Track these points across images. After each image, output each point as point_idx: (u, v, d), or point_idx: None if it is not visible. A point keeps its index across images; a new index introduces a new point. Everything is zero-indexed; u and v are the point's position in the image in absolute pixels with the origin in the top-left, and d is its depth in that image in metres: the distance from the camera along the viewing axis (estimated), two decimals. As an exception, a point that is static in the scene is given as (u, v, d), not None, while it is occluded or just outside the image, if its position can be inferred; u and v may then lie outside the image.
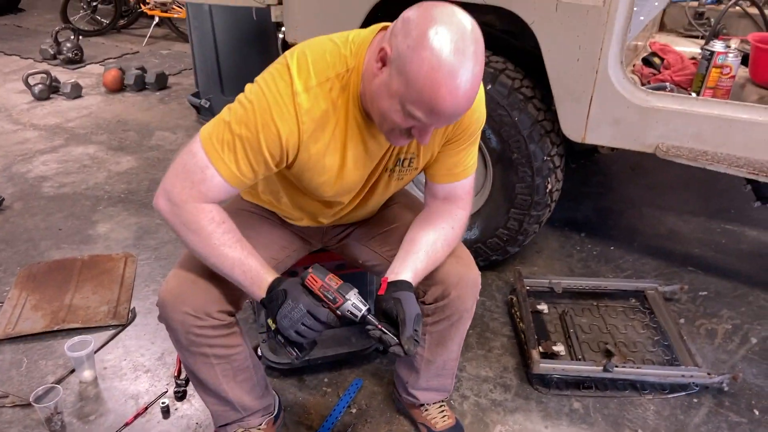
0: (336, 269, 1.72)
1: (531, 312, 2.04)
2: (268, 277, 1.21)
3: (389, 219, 1.54)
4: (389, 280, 1.26)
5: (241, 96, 1.19)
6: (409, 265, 1.29)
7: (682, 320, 2.14)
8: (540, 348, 1.89)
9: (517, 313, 2.10)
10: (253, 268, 1.21)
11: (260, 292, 1.21)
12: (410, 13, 1.05)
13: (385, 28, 1.16)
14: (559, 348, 1.93)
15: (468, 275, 1.42)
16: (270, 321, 1.20)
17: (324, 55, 1.16)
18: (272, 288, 1.20)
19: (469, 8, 2.00)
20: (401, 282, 1.25)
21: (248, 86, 1.20)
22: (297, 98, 1.13)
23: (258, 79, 1.19)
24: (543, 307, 2.15)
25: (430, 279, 1.38)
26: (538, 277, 2.25)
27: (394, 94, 1.06)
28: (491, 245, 2.26)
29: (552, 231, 2.68)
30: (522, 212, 2.15)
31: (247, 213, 1.51)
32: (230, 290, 1.32)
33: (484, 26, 2.26)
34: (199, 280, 1.31)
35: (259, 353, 1.85)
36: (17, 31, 5.94)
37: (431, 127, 1.11)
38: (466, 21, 1.03)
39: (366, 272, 1.84)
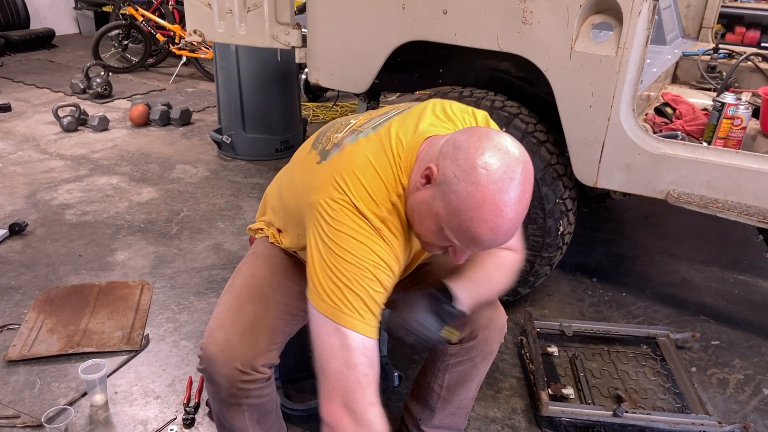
0: None
1: (541, 354, 2.04)
2: None
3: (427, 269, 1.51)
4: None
5: (325, 261, 1.09)
6: (458, 278, 1.29)
7: (693, 368, 2.12)
8: (549, 390, 1.88)
9: (527, 355, 2.10)
10: None
11: None
12: (462, 138, 1.05)
13: (430, 137, 1.15)
14: (569, 391, 1.92)
15: (497, 318, 1.43)
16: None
17: (378, 180, 1.13)
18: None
19: (486, 55, 2.10)
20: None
21: (329, 241, 1.09)
22: (382, 233, 1.11)
23: (332, 230, 1.10)
24: (553, 349, 2.14)
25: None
26: (548, 320, 2.25)
27: (435, 216, 1.06)
28: (502, 286, 2.27)
29: (564, 275, 2.69)
30: (533, 253, 2.17)
31: (278, 259, 1.47)
32: (273, 342, 1.33)
33: (500, 72, 2.35)
34: (246, 332, 1.30)
35: None
36: (49, 66, 6.18)
37: (468, 251, 1.10)
38: (516, 151, 1.02)
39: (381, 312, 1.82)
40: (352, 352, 1.06)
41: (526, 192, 1.02)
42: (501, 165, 0.99)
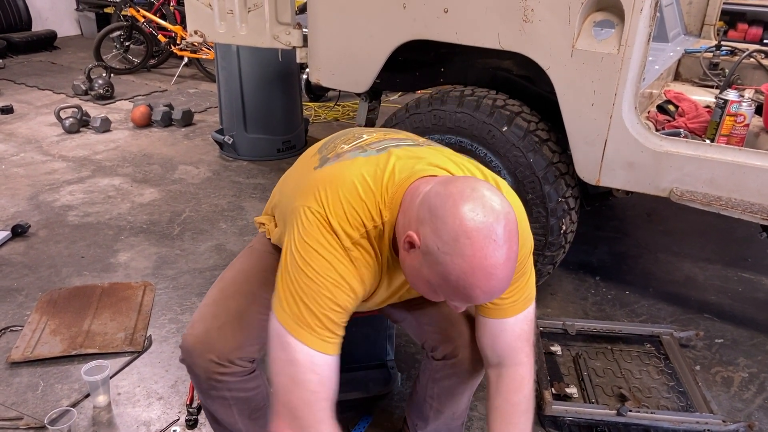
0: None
1: (544, 353, 2.04)
2: None
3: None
4: None
5: (291, 266, 1.10)
6: None
7: (697, 367, 2.12)
8: (552, 389, 1.88)
9: (530, 354, 2.09)
10: None
11: None
12: (437, 202, 1.01)
13: (419, 180, 1.11)
14: (572, 390, 1.91)
15: None
16: None
17: (361, 204, 1.11)
18: None
19: (487, 53, 2.10)
20: None
21: (296, 251, 1.10)
22: (351, 254, 1.10)
23: (302, 241, 1.10)
24: (556, 348, 2.14)
25: (442, 334, 1.38)
26: (551, 319, 2.25)
27: (426, 280, 1.04)
28: (505, 285, 2.27)
29: (566, 274, 2.69)
30: (536, 252, 2.16)
31: (271, 255, 1.45)
32: (254, 337, 1.33)
33: (501, 71, 2.34)
34: (225, 326, 1.31)
35: None
36: (51, 68, 6.19)
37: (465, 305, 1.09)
38: (495, 205, 0.98)
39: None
40: (298, 368, 1.07)
41: (513, 246, 0.99)
42: (482, 229, 0.96)
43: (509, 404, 1.28)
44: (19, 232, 2.87)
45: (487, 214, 0.97)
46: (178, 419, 1.85)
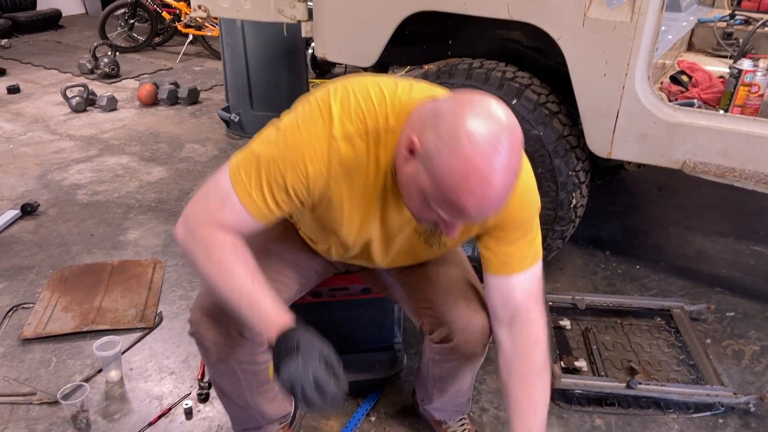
0: (362, 292, 1.73)
1: (553, 327, 2.03)
2: (280, 319, 1.08)
3: (433, 277, 1.43)
4: None
5: (274, 127, 1.11)
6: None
7: (708, 340, 2.11)
8: (561, 363, 1.88)
9: (540, 328, 2.08)
10: (263, 307, 1.09)
11: (267, 334, 1.08)
12: (445, 106, 0.98)
13: (428, 98, 1.07)
14: (582, 364, 1.91)
15: (476, 321, 1.33)
16: (271, 367, 1.08)
17: (369, 103, 1.08)
18: (284, 335, 1.06)
19: (496, 24, 2.05)
20: None
21: (285, 117, 1.11)
22: (334, 143, 1.06)
23: (297, 111, 1.10)
24: (565, 323, 2.13)
25: (438, 318, 1.36)
26: (560, 294, 2.24)
27: (420, 189, 1.00)
28: (514, 259, 2.25)
29: (576, 248, 2.67)
30: (545, 227, 2.15)
31: (277, 227, 1.38)
32: None
33: (511, 42, 2.30)
34: None
35: None
36: (57, 47, 6.16)
37: (458, 224, 1.03)
38: (502, 116, 0.95)
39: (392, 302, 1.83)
40: (227, 209, 1.09)
41: (514, 159, 0.95)
42: (485, 133, 0.92)
43: (527, 364, 1.24)
44: (28, 210, 2.89)
45: (493, 122, 0.94)
46: (189, 393, 1.87)
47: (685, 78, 2.26)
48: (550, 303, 2.15)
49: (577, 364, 1.90)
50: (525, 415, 1.23)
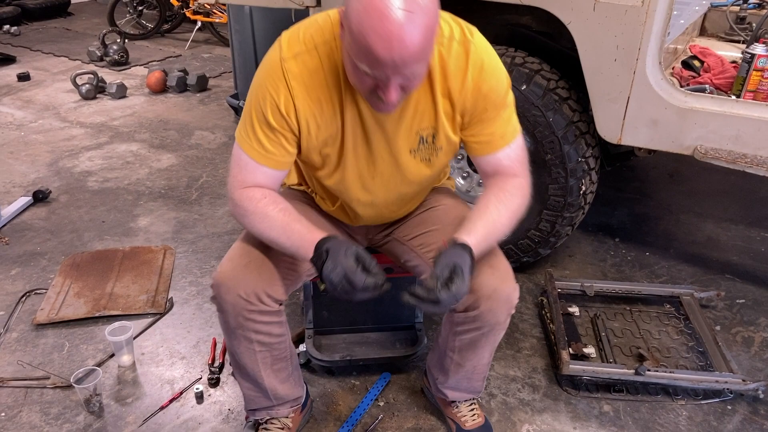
0: (384, 272, 1.76)
1: (562, 314, 2.03)
2: (312, 236, 1.23)
3: (432, 220, 1.54)
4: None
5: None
6: (464, 228, 1.26)
7: (717, 327, 2.10)
8: (570, 349, 1.88)
9: (548, 315, 2.09)
10: (297, 231, 1.24)
11: (306, 254, 1.22)
12: None
13: None
14: (590, 350, 1.91)
15: (502, 289, 1.36)
16: (319, 282, 1.22)
17: (314, 24, 1.23)
18: (316, 247, 1.21)
19: (505, 9, 2.04)
20: (455, 243, 1.23)
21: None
22: (284, 64, 1.20)
23: (261, 63, 1.27)
24: (574, 309, 2.13)
25: None
26: (569, 280, 2.23)
27: (347, 52, 1.10)
28: (522, 246, 2.25)
29: (585, 235, 2.66)
30: (554, 214, 2.14)
31: (298, 203, 1.52)
32: (280, 277, 1.38)
33: (520, 27, 2.27)
34: (251, 264, 1.35)
35: (303, 348, 1.88)
36: (66, 34, 6.18)
37: (389, 82, 1.08)
38: None
39: (414, 278, 1.84)
40: (237, 158, 1.29)
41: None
42: None
43: (499, 187, 1.33)
44: (40, 197, 2.91)
45: None
46: (200, 378, 1.89)
47: (697, 63, 2.23)
48: (559, 290, 2.15)
49: (585, 350, 1.90)
50: (471, 218, 1.30)
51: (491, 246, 1.32)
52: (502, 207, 1.30)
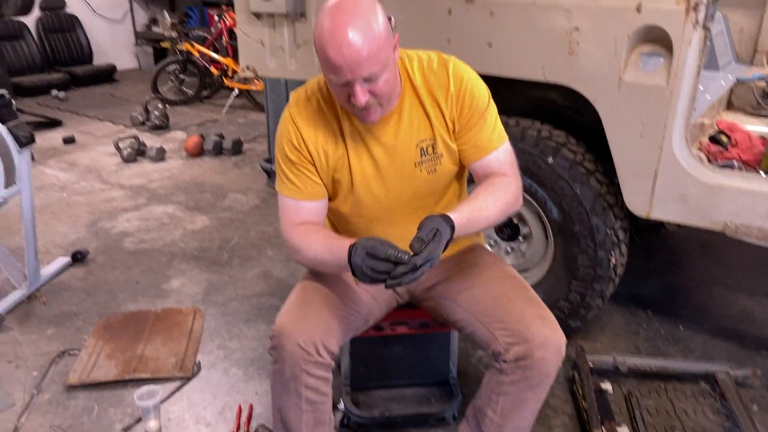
0: (420, 327, 1.81)
1: (594, 390, 1.98)
2: (346, 244, 1.32)
3: (476, 276, 1.59)
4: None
5: None
6: (451, 210, 1.34)
7: (755, 407, 2.02)
8: (603, 428, 1.82)
9: (580, 391, 2.04)
10: (337, 246, 1.35)
11: (345, 258, 1.30)
12: None
13: None
14: (624, 430, 1.85)
15: (554, 338, 1.40)
16: (354, 279, 1.34)
17: (312, 79, 1.48)
18: (349, 251, 1.30)
19: (531, 85, 2.10)
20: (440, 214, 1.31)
21: None
22: (290, 110, 1.46)
23: None
24: (607, 386, 2.08)
25: (515, 336, 1.41)
26: (601, 354, 2.19)
27: (324, 74, 1.31)
28: (552, 318, 2.23)
29: (617, 307, 2.62)
30: (584, 285, 2.13)
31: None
32: (333, 329, 1.45)
33: (546, 102, 2.33)
34: (309, 315, 1.44)
35: (342, 406, 1.89)
36: (111, 100, 6.51)
37: (355, 86, 1.27)
38: None
39: (449, 332, 1.92)
40: (280, 204, 1.51)
41: (360, 10, 1.22)
42: (333, 3, 1.24)
43: (489, 183, 1.44)
44: (78, 258, 3.01)
45: None
46: (225, 446, 1.88)
47: (724, 138, 2.25)
48: (591, 364, 2.10)
49: (619, 429, 1.84)
50: (459, 204, 1.37)
51: (474, 229, 1.39)
52: (489, 197, 1.40)
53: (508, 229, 2.40)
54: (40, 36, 6.90)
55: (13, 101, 2.49)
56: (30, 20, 6.66)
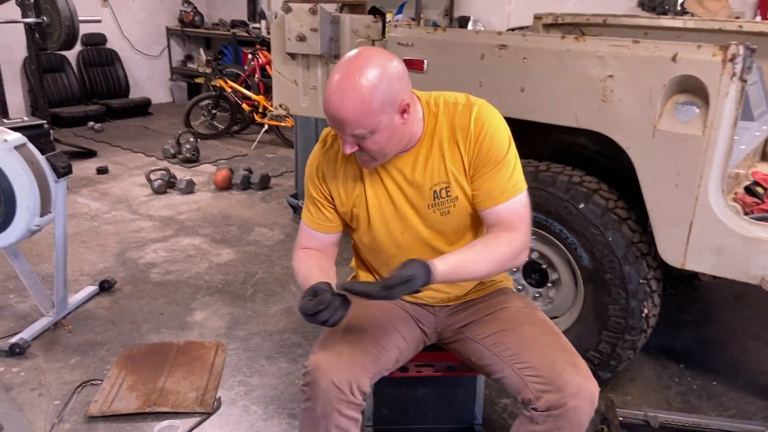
0: (446, 369, 1.79)
1: (624, 445, 1.91)
2: (310, 283, 1.41)
3: (506, 320, 1.57)
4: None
5: None
6: (441, 257, 1.36)
7: (799, 473, 1.92)
8: (634, 487, 1.75)
9: (608, 445, 1.96)
10: (310, 280, 1.42)
11: None
12: None
13: None
14: (656, 489, 1.77)
15: (587, 387, 1.37)
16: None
17: None
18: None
19: (563, 129, 2.10)
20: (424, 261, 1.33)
21: None
22: (316, 150, 1.58)
23: None
24: (637, 441, 2.00)
25: (548, 383, 1.37)
26: (632, 408, 2.11)
27: None
28: (580, 367, 2.17)
29: (648, 359, 2.54)
30: (615, 335, 2.07)
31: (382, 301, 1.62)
32: (368, 366, 1.46)
33: (577, 147, 2.32)
34: (343, 354, 1.44)
35: None
36: (145, 132, 6.67)
37: (344, 137, 1.37)
38: (358, 52, 1.34)
39: (476, 376, 1.88)
40: (300, 231, 1.64)
41: (361, 73, 1.29)
42: (343, 60, 1.33)
43: (490, 236, 1.45)
44: (105, 287, 3.04)
45: (352, 55, 1.34)
46: (242, 487, 1.84)
47: (760, 189, 2.21)
48: (621, 418, 2.03)
49: (650, 489, 1.77)
50: (452, 251, 1.40)
51: (459, 280, 1.46)
52: (484, 251, 1.39)
53: (537, 275, 2.37)
54: (80, 69, 7.14)
55: (51, 131, 2.56)
56: (71, 54, 6.91)
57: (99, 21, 5.37)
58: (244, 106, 6.28)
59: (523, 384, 1.43)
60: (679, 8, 4.75)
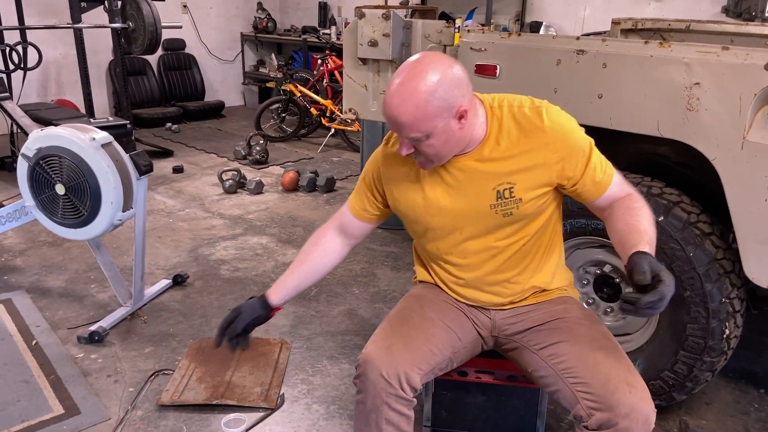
0: (507, 379, 1.76)
1: (699, 472, 1.81)
2: (277, 288, 1.68)
3: (564, 331, 1.53)
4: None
5: None
6: (631, 245, 1.30)
7: None
8: None
9: (682, 471, 1.87)
10: (287, 273, 1.67)
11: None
12: None
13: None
14: None
15: (641, 408, 1.32)
16: None
17: None
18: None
19: (641, 138, 2.02)
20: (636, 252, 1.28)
21: None
22: (380, 148, 1.63)
23: None
24: (713, 468, 1.89)
25: (599, 402, 1.33)
26: (707, 433, 2.00)
27: None
28: (654, 388, 2.07)
29: (725, 382, 2.40)
30: (693, 356, 1.97)
31: (430, 296, 1.68)
32: (416, 365, 1.46)
33: (657, 157, 2.23)
34: (393, 347, 1.47)
35: None
36: (218, 134, 6.92)
37: (401, 139, 1.41)
38: (420, 57, 1.35)
39: (539, 389, 1.83)
40: (341, 208, 1.72)
41: (417, 75, 1.31)
42: (406, 63, 1.36)
43: (627, 207, 1.43)
44: (179, 281, 3.17)
45: (414, 59, 1.36)
46: (303, 484, 1.87)
47: None
48: (695, 443, 1.93)
49: None
50: (627, 238, 1.33)
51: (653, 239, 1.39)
52: (642, 219, 1.38)
53: (609, 289, 2.28)
54: (160, 73, 7.50)
55: (133, 131, 2.69)
56: (153, 58, 7.26)
57: (180, 27, 5.61)
58: (312, 110, 6.40)
59: (576, 400, 1.39)
60: (767, 14, 4.49)
